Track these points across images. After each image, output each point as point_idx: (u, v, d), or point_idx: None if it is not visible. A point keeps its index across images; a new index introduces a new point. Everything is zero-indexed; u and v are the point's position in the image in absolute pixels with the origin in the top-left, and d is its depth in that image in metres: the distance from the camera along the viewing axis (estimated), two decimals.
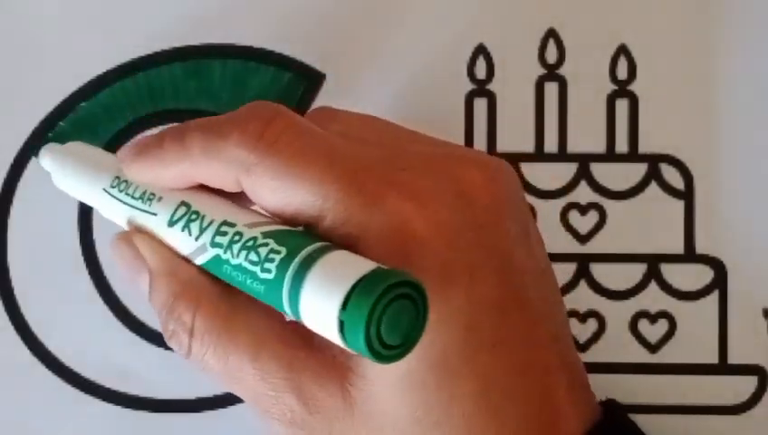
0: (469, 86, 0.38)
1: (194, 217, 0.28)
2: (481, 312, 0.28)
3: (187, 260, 0.29)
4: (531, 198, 0.38)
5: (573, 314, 0.38)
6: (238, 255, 0.26)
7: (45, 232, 0.38)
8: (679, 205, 0.38)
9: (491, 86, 0.38)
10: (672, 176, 0.38)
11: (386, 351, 0.24)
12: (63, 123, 0.38)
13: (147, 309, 0.38)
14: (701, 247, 0.38)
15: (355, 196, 0.27)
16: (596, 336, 0.38)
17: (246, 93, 0.38)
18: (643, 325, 0.38)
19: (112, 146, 0.38)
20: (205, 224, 0.28)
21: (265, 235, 0.26)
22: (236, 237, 0.27)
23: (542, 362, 0.29)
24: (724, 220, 0.38)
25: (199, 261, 0.28)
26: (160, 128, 0.38)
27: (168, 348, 0.38)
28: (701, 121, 0.38)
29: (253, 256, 0.26)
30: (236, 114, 0.29)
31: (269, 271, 0.25)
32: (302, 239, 0.26)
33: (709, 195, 0.38)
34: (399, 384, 0.27)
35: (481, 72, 0.38)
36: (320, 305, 0.24)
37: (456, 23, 0.38)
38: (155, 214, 0.29)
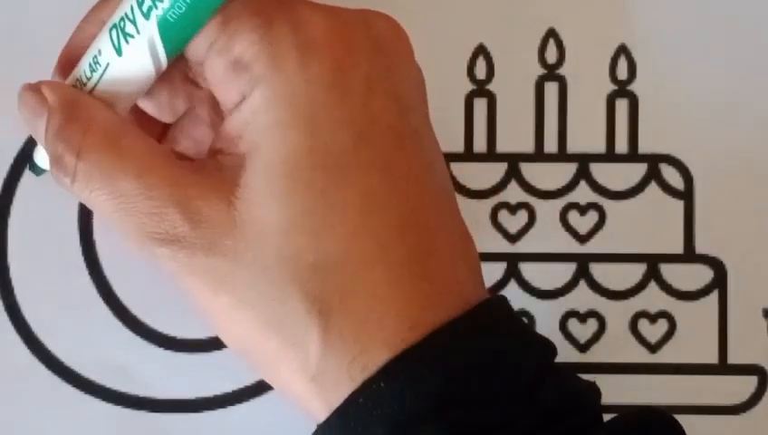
0: (469, 86, 0.38)
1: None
2: (374, 126, 0.28)
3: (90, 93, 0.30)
4: (531, 199, 0.38)
5: (573, 314, 0.38)
6: None
7: (45, 232, 0.38)
8: (679, 205, 0.38)
9: (491, 86, 0.38)
10: (672, 176, 0.38)
11: None
12: None
13: (147, 309, 0.38)
14: (701, 247, 0.38)
15: None
16: (596, 336, 0.38)
17: None
18: (643, 325, 0.38)
19: None
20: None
21: None
22: None
23: (434, 207, 0.29)
24: (724, 220, 0.38)
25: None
26: None
27: (167, 348, 0.38)
28: (701, 121, 0.38)
29: None
30: None
31: None
32: None
33: (709, 195, 0.38)
34: (284, 187, 0.27)
35: (481, 72, 0.38)
36: None
37: (456, 23, 0.38)
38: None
